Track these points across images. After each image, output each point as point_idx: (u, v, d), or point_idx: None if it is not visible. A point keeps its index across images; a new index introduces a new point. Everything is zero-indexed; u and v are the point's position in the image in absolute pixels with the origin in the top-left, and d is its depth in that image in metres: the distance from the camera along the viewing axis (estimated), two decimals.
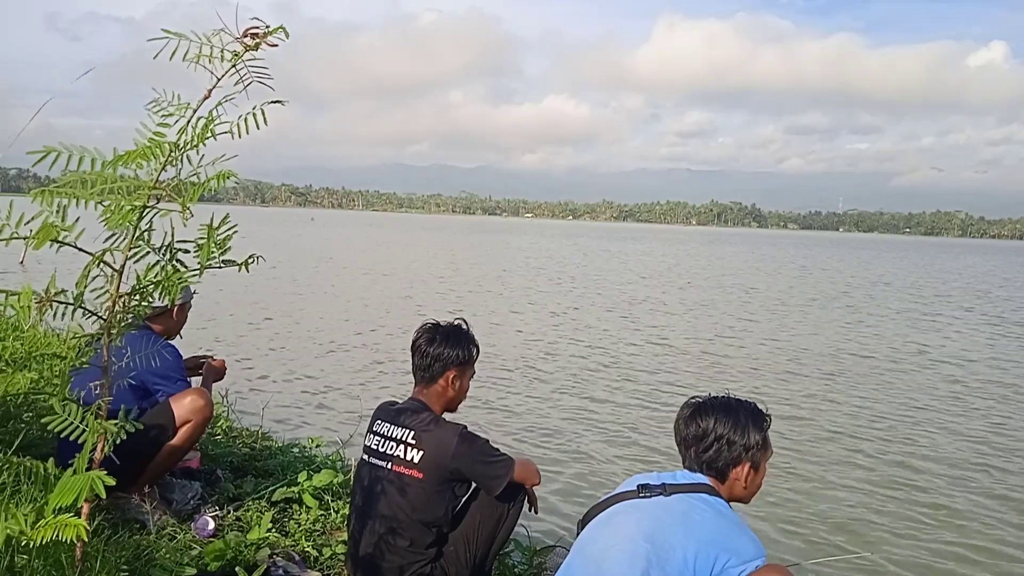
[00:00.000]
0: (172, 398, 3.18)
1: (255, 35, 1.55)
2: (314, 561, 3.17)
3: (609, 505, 2.16)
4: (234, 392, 6.00)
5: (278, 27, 1.56)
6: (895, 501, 6.00)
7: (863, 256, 62.85)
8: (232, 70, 1.56)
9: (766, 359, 12.06)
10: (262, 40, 1.55)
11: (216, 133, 1.58)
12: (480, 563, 2.81)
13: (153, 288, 1.64)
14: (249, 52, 1.55)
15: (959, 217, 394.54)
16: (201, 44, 1.53)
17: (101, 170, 1.48)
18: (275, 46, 1.57)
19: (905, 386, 10.33)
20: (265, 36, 1.56)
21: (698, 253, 56.75)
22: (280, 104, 1.60)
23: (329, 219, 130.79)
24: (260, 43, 1.55)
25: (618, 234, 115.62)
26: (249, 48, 1.55)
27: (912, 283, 31.68)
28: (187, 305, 3.50)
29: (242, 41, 1.55)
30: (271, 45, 1.57)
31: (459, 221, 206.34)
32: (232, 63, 1.55)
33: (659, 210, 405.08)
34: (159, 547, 2.85)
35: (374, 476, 2.73)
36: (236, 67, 1.56)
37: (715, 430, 2.12)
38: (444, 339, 2.80)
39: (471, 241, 61.04)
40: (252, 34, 1.55)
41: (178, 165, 1.58)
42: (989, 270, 47.94)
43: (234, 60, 1.55)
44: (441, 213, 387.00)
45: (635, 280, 27.55)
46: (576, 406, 8.56)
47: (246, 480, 3.90)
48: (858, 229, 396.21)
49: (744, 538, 1.98)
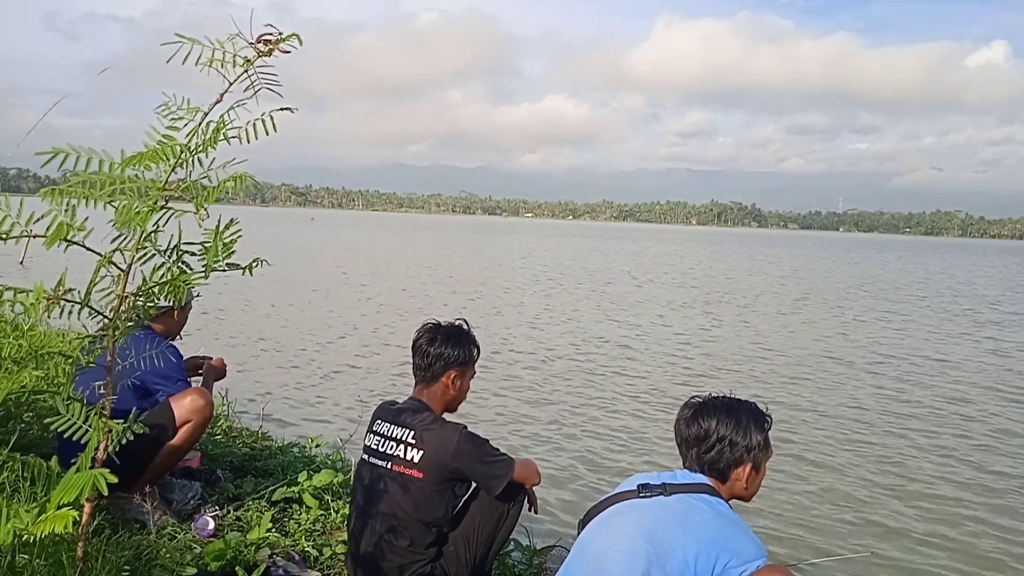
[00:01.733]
0: (172, 398, 3.18)
1: (268, 41, 1.55)
2: (314, 561, 3.18)
3: (609, 505, 2.16)
4: (234, 392, 6.00)
5: (291, 34, 1.57)
6: (895, 500, 6.00)
7: (852, 256, 62.85)
8: (244, 75, 1.56)
9: (758, 360, 12.07)
10: (275, 47, 1.56)
11: (228, 138, 1.59)
12: (480, 563, 2.81)
13: (159, 289, 1.65)
14: (261, 58, 1.56)
15: (959, 217, 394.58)
16: (214, 49, 1.53)
17: (110, 171, 1.48)
18: (288, 52, 1.58)
19: (904, 386, 10.34)
20: (278, 43, 1.56)
21: (687, 253, 56.77)
22: (290, 111, 1.61)
23: (329, 219, 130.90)
24: (273, 49, 1.56)
25: (615, 234, 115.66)
26: (262, 54, 1.56)
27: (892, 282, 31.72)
28: (188, 306, 3.50)
29: (255, 47, 1.55)
30: (284, 52, 1.58)
31: (458, 221, 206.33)
32: (244, 68, 1.56)
33: (659, 210, 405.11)
34: (159, 547, 2.86)
35: (374, 476, 2.73)
36: (248, 72, 1.56)
37: (717, 431, 2.12)
38: (445, 339, 2.80)
39: (471, 241, 61.03)
40: (265, 40, 1.55)
41: (188, 168, 1.59)
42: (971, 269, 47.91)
43: (246, 66, 1.56)
44: (441, 213, 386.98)
45: (623, 278, 27.57)
46: (576, 406, 8.56)
47: (246, 480, 3.91)
48: (858, 229, 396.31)
49: (744, 538, 1.98)
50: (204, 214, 1.54)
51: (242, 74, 1.56)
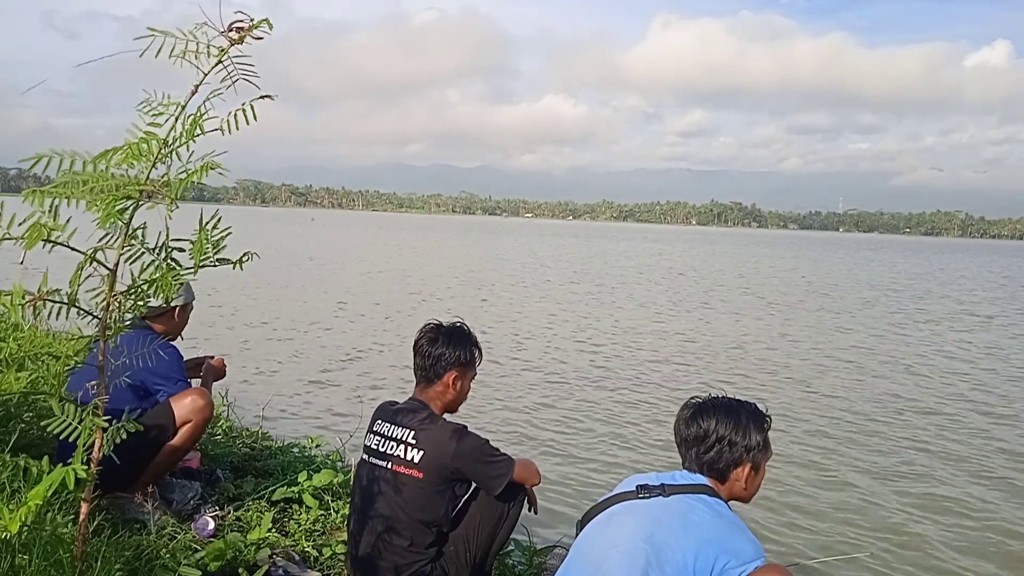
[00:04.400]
0: (172, 398, 3.17)
1: (240, 29, 1.53)
2: (314, 561, 3.18)
3: (608, 506, 2.16)
4: (234, 392, 6.00)
5: (262, 20, 1.54)
6: (895, 500, 6.00)
7: (841, 256, 62.81)
8: (219, 65, 1.54)
9: (745, 353, 12.07)
10: (247, 34, 1.53)
11: (205, 129, 1.57)
12: (480, 563, 2.81)
13: (148, 287, 1.63)
14: (235, 47, 1.53)
15: (959, 217, 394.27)
16: (187, 40, 1.51)
17: (93, 170, 1.47)
18: (260, 39, 1.55)
19: (904, 386, 10.33)
20: (250, 30, 1.53)
21: (673, 252, 56.76)
22: (270, 99, 1.58)
23: (329, 219, 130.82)
24: (245, 37, 1.53)
25: (612, 234, 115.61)
26: (234, 42, 1.53)
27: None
28: (189, 307, 3.50)
29: (227, 35, 1.53)
30: (256, 39, 1.55)
31: (458, 221, 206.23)
32: (218, 58, 1.53)
33: (659, 210, 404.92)
34: (159, 547, 2.85)
35: (374, 476, 2.73)
36: (222, 62, 1.54)
37: (716, 431, 2.12)
38: (446, 340, 2.79)
39: (472, 242, 60.98)
40: (237, 28, 1.53)
41: (168, 162, 1.57)
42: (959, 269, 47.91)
43: (220, 56, 1.53)
44: (441, 213, 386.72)
45: (627, 280, 27.57)
46: (575, 405, 8.56)
47: (246, 480, 3.91)
48: (858, 229, 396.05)
49: (743, 539, 1.97)
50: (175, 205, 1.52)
51: (216, 64, 1.53)
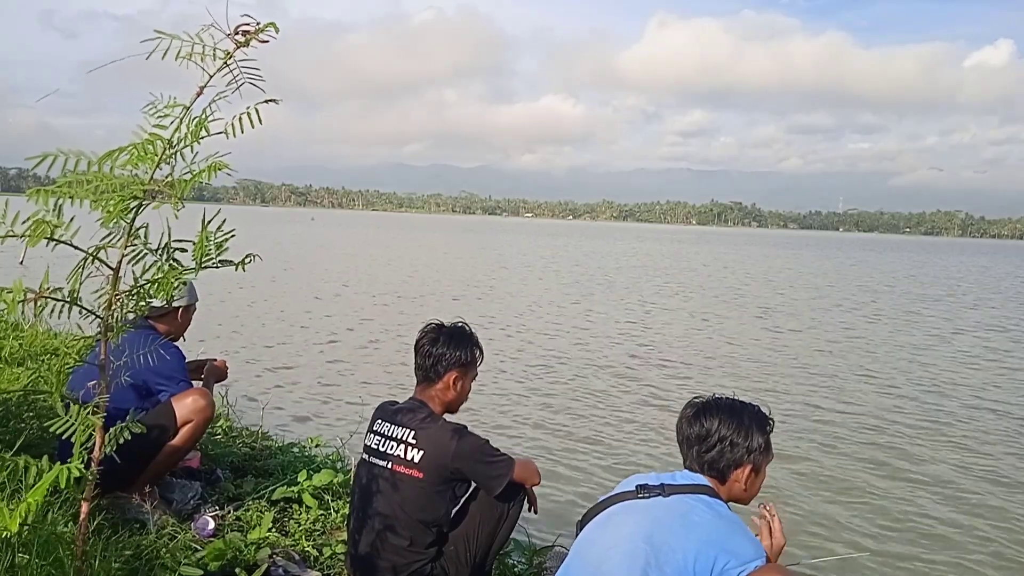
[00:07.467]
0: (174, 398, 3.17)
1: (246, 32, 1.53)
2: (314, 561, 3.17)
3: (608, 506, 2.15)
4: (234, 392, 6.00)
5: (268, 23, 1.53)
6: (894, 500, 6.00)
7: (836, 255, 62.81)
8: (224, 68, 1.54)
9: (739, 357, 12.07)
10: (253, 37, 1.53)
11: (210, 131, 1.57)
12: (480, 563, 2.81)
13: (150, 287, 1.63)
14: (240, 50, 1.53)
15: (959, 217, 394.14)
16: (193, 43, 1.51)
17: (99, 170, 1.47)
18: (266, 42, 1.55)
19: (904, 385, 10.33)
20: (256, 33, 1.53)
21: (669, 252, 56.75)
22: (275, 103, 1.58)
23: (330, 219, 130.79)
24: (251, 40, 1.53)
25: (611, 234, 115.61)
26: (240, 45, 1.53)
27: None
28: (192, 307, 3.49)
29: (232, 38, 1.53)
30: (262, 41, 1.54)
31: (458, 221, 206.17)
32: (224, 61, 1.53)
33: (659, 210, 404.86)
34: (159, 547, 2.85)
35: (374, 475, 2.72)
36: (228, 64, 1.54)
37: (719, 431, 2.11)
38: (447, 340, 2.79)
39: (473, 243, 60.96)
40: (243, 31, 1.53)
41: (172, 162, 1.57)
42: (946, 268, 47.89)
43: (225, 58, 1.53)
44: (441, 213, 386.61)
45: (633, 279, 27.57)
46: (574, 405, 8.56)
47: (246, 480, 3.90)
48: (858, 229, 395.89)
49: (743, 539, 1.97)
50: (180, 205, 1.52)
51: (222, 66, 1.53)
